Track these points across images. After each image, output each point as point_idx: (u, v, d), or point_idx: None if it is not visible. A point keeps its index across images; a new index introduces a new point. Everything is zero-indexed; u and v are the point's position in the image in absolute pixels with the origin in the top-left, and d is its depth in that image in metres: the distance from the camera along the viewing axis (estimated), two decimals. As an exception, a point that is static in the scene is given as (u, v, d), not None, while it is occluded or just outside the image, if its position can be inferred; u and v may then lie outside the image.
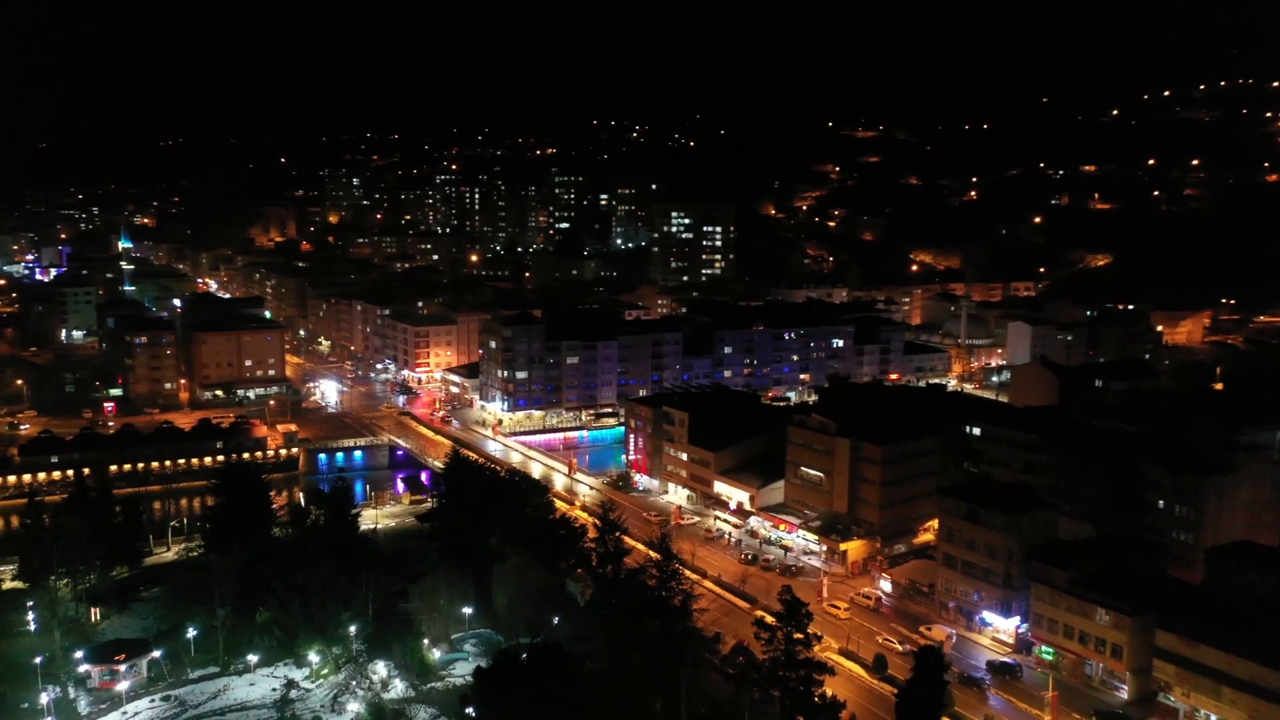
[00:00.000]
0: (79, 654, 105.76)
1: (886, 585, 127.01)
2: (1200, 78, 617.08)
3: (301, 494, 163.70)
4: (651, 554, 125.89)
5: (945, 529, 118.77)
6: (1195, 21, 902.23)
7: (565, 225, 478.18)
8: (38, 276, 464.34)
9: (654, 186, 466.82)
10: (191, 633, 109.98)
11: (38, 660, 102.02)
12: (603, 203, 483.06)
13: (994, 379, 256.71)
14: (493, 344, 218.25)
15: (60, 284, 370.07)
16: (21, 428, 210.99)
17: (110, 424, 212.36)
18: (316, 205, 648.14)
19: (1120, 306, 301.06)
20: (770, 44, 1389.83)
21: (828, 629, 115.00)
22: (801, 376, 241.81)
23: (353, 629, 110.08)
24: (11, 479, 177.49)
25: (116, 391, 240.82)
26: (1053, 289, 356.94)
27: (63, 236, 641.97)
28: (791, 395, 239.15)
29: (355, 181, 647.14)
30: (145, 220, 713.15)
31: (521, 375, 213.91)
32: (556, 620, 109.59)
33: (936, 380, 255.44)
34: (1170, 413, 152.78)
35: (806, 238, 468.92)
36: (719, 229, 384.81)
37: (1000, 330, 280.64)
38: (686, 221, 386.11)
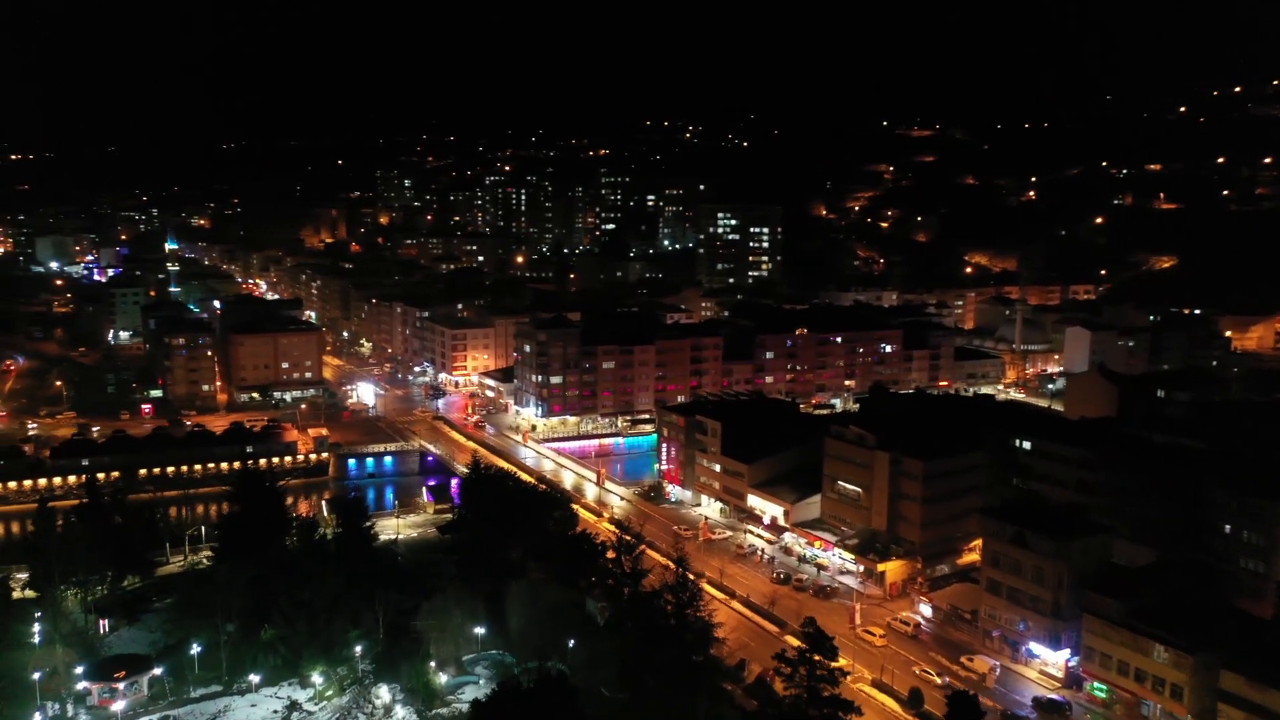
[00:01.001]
0: (79, 669, 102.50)
1: (926, 610, 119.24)
2: (1274, 73, 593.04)
3: (325, 501, 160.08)
4: (673, 573, 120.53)
5: (989, 552, 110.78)
6: (1270, 16, 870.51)
7: (611, 226, 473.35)
8: (95, 277, 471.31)
9: (701, 187, 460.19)
10: (196, 649, 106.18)
11: (36, 676, 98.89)
12: (649, 203, 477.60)
13: (1049, 386, 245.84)
14: (527, 348, 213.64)
15: (111, 285, 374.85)
16: (59, 429, 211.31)
17: (147, 426, 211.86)
18: (369, 207, 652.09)
19: (1186, 311, 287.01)
20: (826, 44, 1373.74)
21: (861, 657, 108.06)
22: (847, 383, 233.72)
23: (358, 649, 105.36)
24: (42, 482, 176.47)
25: (156, 393, 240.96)
26: (1114, 292, 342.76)
27: (123, 238, 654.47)
28: (836, 402, 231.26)
29: (407, 183, 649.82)
30: (201, 222, 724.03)
31: (556, 380, 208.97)
32: (572, 643, 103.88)
33: (989, 388, 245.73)
34: (1239, 426, 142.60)
35: (857, 239, 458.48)
36: (765, 230, 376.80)
37: (1057, 335, 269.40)
38: (733, 222, 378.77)
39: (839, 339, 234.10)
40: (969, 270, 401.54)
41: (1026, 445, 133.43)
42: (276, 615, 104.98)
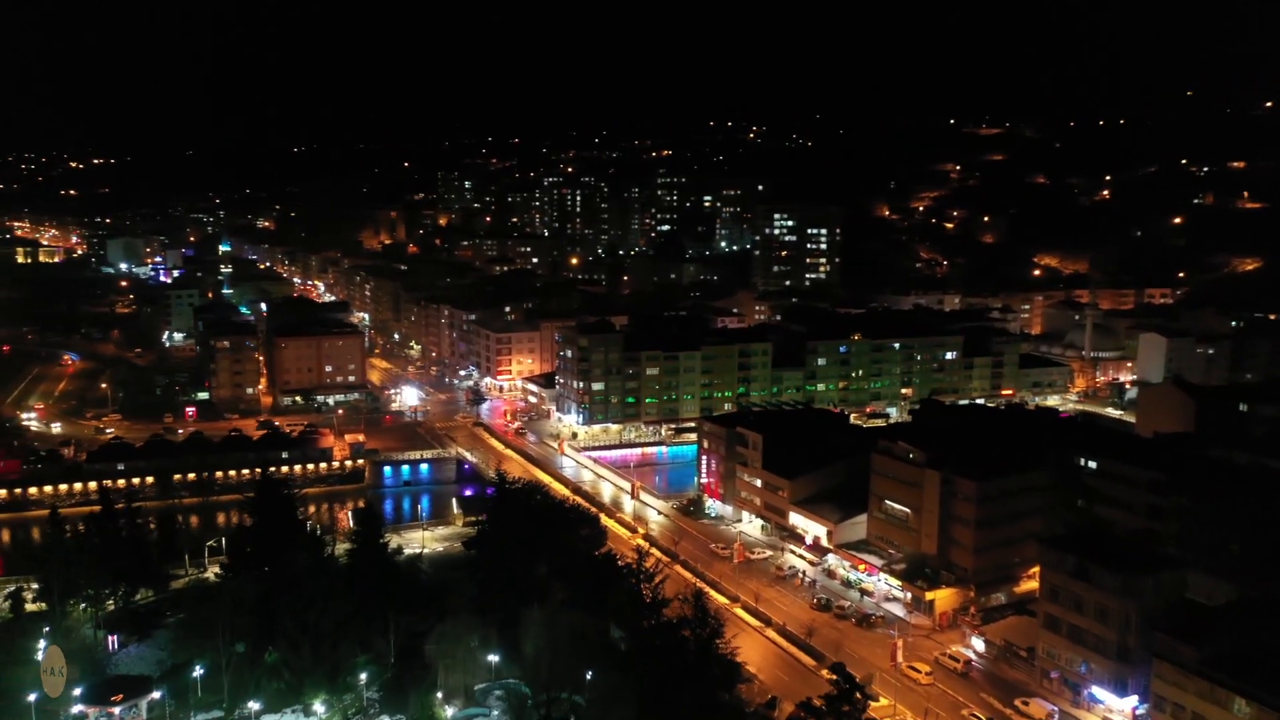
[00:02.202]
0: (77, 691, 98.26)
1: (979, 644, 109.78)
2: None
3: (350, 512, 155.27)
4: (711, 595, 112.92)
5: (1048, 585, 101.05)
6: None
7: (667, 228, 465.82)
8: (161, 278, 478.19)
9: (760, 187, 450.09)
10: (199, 671, 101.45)
11: (32, 698, 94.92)
12: (706, 204, 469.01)
13: (1122, 396, 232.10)
14: (569, 353, 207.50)
15: (168, 286, 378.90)
16: (106, 431, 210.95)
17: (191, 429, 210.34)
18: (430, 208, 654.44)
19: (1271, 317, 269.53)
20: (894, 43, 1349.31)
21: (904, 696, 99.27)
22: (903, 391, 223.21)
23: (363, 676, 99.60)
24: (78, 486, 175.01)
25: (203, 395, 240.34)
26: (1192, 296, 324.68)
27: (190, 239, 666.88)
28: (892, 411, 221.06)
29: (467, 184, 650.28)
30: (266, 224, 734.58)
31: (598, 387, 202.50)
32: (590, 674, 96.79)
33: (1055, 397, 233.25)
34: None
35: (920, 240, 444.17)
36: (824, 231, 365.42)
37: (1130, 342, 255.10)
38: (790, 223, 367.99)
39: (895, 345, 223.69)
40: (1037, 273, 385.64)
41: (1092, 465, 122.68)
42: (280, 637, 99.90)
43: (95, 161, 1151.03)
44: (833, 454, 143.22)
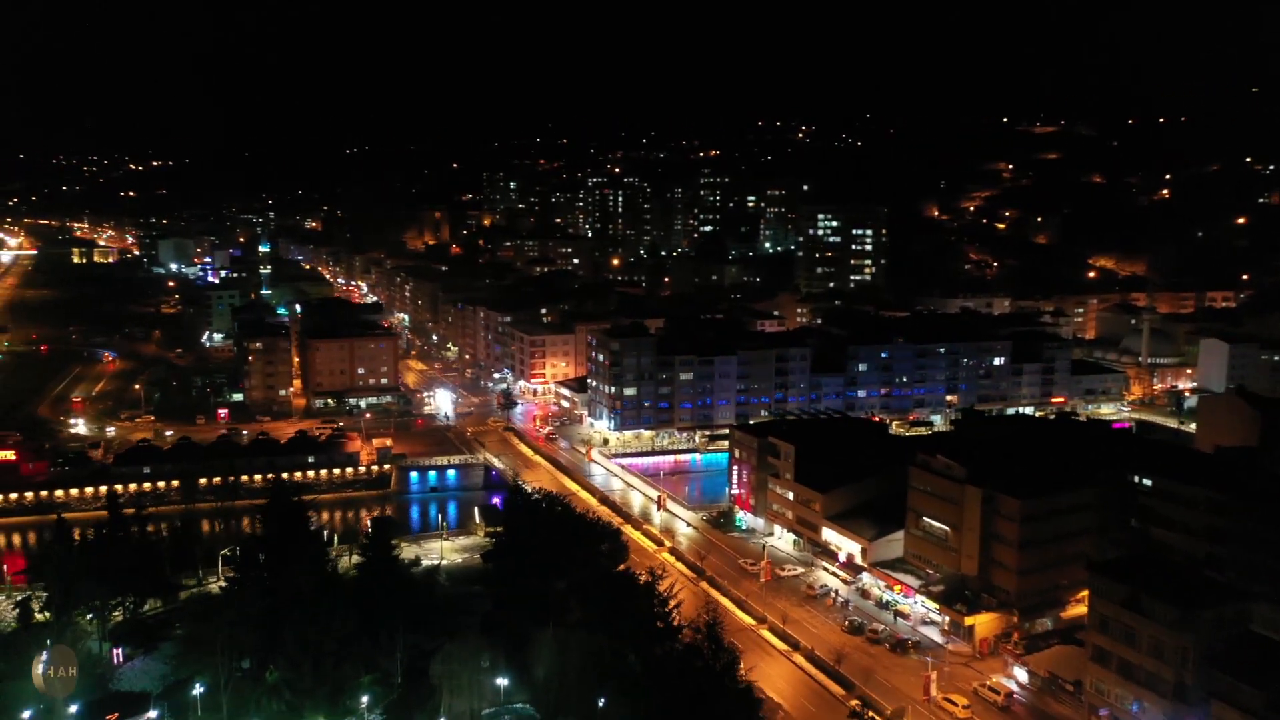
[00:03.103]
0: (73, 709, 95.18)
1: (1021, 675, 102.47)
2: None
3: (370, 520, 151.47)
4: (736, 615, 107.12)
5: (1097, 615, 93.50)
6: None
7: (709, 228, 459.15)
8: (209, 278, 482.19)
9: (805, 187, 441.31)
10: (199, 689, 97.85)
11: (26, 715, 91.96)
12: (750, 204, 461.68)
13: (1181, 405, 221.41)
14: (600, 357, 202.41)
15: (211, 287, 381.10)
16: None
17: (221, 431, 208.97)
18: (475, 209, 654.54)
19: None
20: (947, 40, 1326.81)
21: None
22: (948, 398, 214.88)
23: (365, 699, 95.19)
24: (103, 489, 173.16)
25: (237, 397, 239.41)
26: (1257, 299, 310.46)
27: (240, 240, 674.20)
28: (936, 419, 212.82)
29: (512, 185, 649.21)
30: (313, 224, 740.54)
31: (630, 391, 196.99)
32: (603, 702, 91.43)
33: (1109, 405, 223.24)
34: None
35: (969, 241, 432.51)
36: (869, 232, 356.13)
37: (1190, 348, 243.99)
38: (834, 224, 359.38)
39: (940, 350, 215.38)
40: (1092, 275, 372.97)
41: (1147, 482, 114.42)
42: (280, 655, 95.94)
43: (154, 164, 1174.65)
44: (869, 466, 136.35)
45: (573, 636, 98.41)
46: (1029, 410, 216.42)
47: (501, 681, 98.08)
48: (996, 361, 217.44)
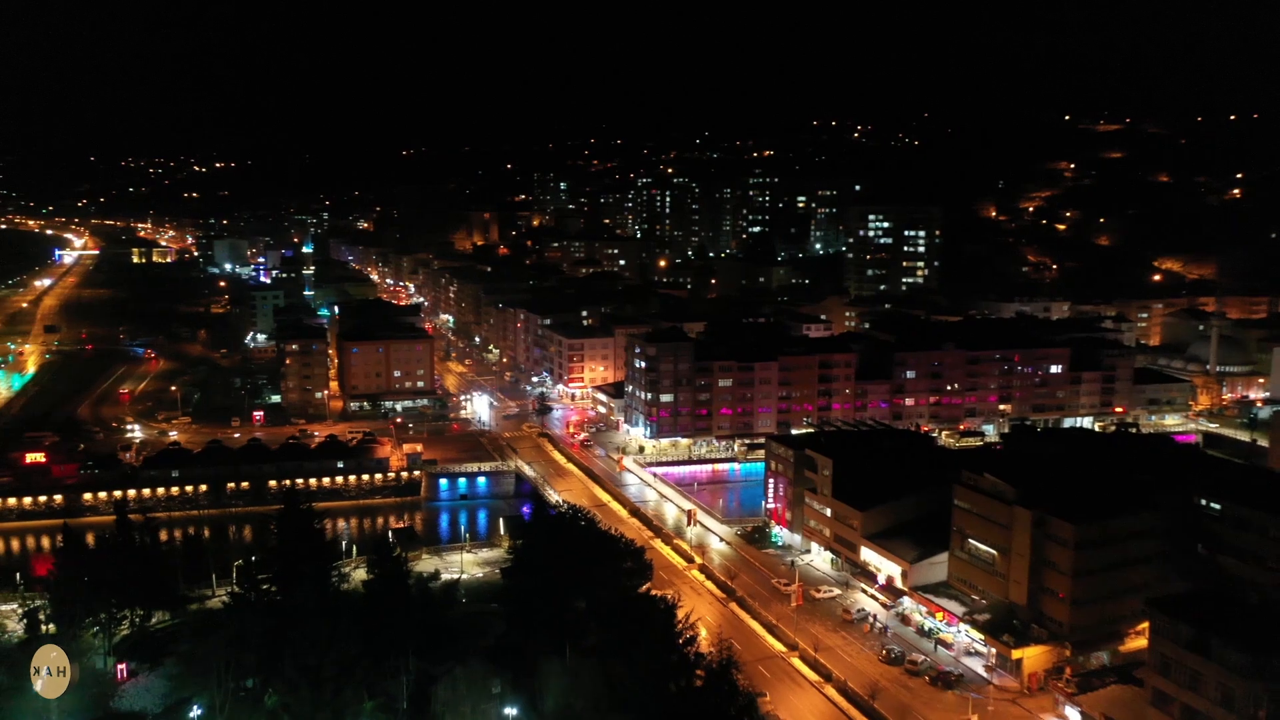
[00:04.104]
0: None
1: (1074, 716, 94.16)
2: None
3: (391, 531, 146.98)
4: (767, 643, 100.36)
5: (1158, 656, 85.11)
6: None
7: (758, 229, 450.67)
8: (262, 278, 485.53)
9: (857, 187, 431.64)
10: (196, 711, 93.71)
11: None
12: (800, 205, 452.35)
13: (1253, 417, 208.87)
14: (637, 362, 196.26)
15: (258, 287, 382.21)
16: (170, 435, 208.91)
17: (257, 433, 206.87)
18: (526, 210, 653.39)
19: None
20: (1009, 37, 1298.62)
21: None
22: (1001, 407, 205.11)
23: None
24: (132, 493, 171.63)
25: (275, 399, 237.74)
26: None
27: (295, 240, 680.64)
28: (989, 429, 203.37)
29: (562, 185, 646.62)
30: (365, 225, 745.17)
31: (667, 398, 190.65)
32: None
33: (1175, 416, 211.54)
34: None
35: (1028, 243, 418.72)
36: (922, 233, 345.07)
37: (1263, 356, 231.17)
38: (885, 225, 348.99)
39: (994, 356, 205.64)
40: (1157, 278, 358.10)
41: (1215, 506, 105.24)
42: (277, 678, 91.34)
43: (217, 165, 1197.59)
44: (913, 482, 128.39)
45: (585, 666, 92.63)
46: (1088, 421, 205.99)
47: (510, 711, 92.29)
48: (1054, 369, 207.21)
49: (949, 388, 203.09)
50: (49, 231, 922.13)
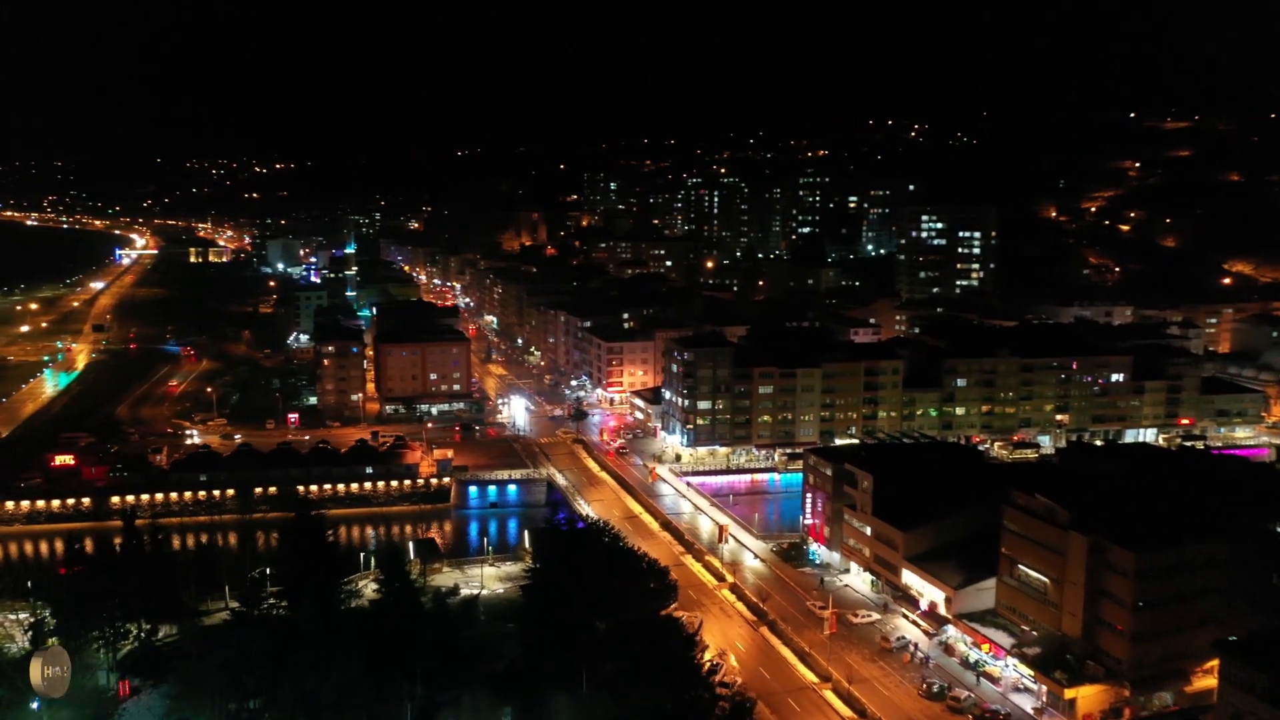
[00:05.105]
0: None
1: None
2: None
3: (412, 543, 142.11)
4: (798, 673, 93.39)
5: (1230, 706, 76.75)
6: None
7: (808, 230, 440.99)
8: (312, 278, 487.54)
9: (911, 187, 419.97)
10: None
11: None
12: (851, 205, 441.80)
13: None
14: (674, 367, 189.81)
15: (306, 287, 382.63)
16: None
17: (289, 436, 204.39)
18: (575, 210, 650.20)
19: None
20: (1071, 34, 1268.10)
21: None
22: (1059, 418, 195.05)
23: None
24: (159, 496, 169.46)
25: (312, 400, 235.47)
26: None
27: (354, 240, 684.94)
28: (1044, 440, 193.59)
29: (612, 185, 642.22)
30: (416, 225, 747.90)
31: (704, 405, 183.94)
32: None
33: (1246, 429, 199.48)
34: None
35: (1089, 244, 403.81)
36: (977, 234, 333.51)
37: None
38: (938, 225, 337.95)
39: (1051, 364, 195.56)
40: (1227, 281, 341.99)
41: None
42: (272, 704, 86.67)
43: (278, 166, 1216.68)
44: (959, 500, 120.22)
45: (598, 699, 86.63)
46: (1151, 433, 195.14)
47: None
48: (1115, 378, 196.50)
49: (1002, 396, 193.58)
50: (116, 231, 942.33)
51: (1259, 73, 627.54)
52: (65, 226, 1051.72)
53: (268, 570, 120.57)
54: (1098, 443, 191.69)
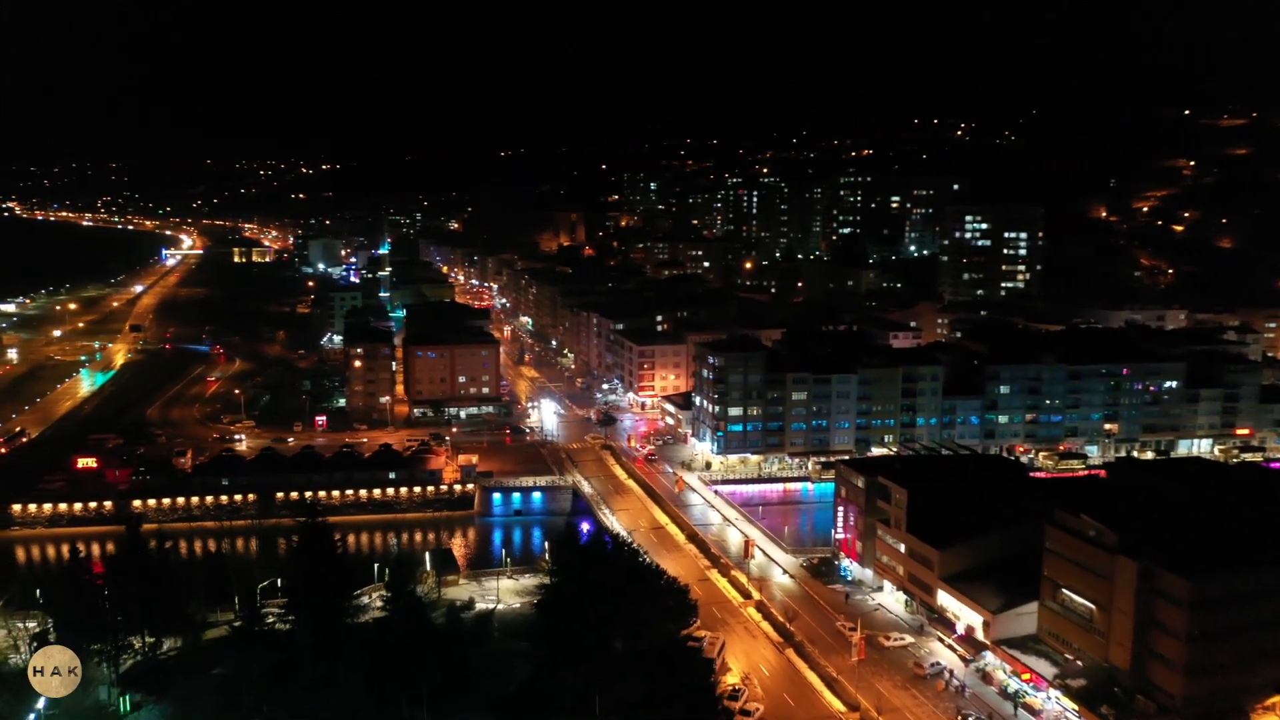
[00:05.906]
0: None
1: (1186, 812, 79.02)
2: None
3: (428, 553, 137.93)
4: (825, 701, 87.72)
5: (1294, 754, 69.66)
6: None
7: (848, 230, 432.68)
8: (352, 278, 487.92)
9: (955, 186, 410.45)
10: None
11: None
12: (894, 205, 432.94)
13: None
14: (704, 372, 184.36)
15: (345, 287, 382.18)
16: (236, 438, 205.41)
17: (319, 439, 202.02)
18: (615, 210, 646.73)
19: None
20: (1123, 30, 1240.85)
21: None
22: (1107, 427, 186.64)
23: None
24: (180, 500, 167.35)
25: (341, 403, 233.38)
26: None
27: (388, 240, 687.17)
28: (1092, 450, 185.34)
29: (651, 186, 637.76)
30: (456, 225, 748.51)
31: (735, 411, 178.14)
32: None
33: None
34: None
35: (1140, 245, 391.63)
36: (1024, 235, 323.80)
37: None
38: (983, 226, 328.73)
39: (1099, 371, 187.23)
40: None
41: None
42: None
43: (324, 167, 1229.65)
44: (1000, 516, 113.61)
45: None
46: (1206, 444, 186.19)
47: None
48: (1168, 385, 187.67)
49: (1047, 404, 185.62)
50: (166, 232, 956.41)
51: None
52: (118, 227, 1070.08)
53: (279, 581, 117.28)
54: (1149, 454, 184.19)
